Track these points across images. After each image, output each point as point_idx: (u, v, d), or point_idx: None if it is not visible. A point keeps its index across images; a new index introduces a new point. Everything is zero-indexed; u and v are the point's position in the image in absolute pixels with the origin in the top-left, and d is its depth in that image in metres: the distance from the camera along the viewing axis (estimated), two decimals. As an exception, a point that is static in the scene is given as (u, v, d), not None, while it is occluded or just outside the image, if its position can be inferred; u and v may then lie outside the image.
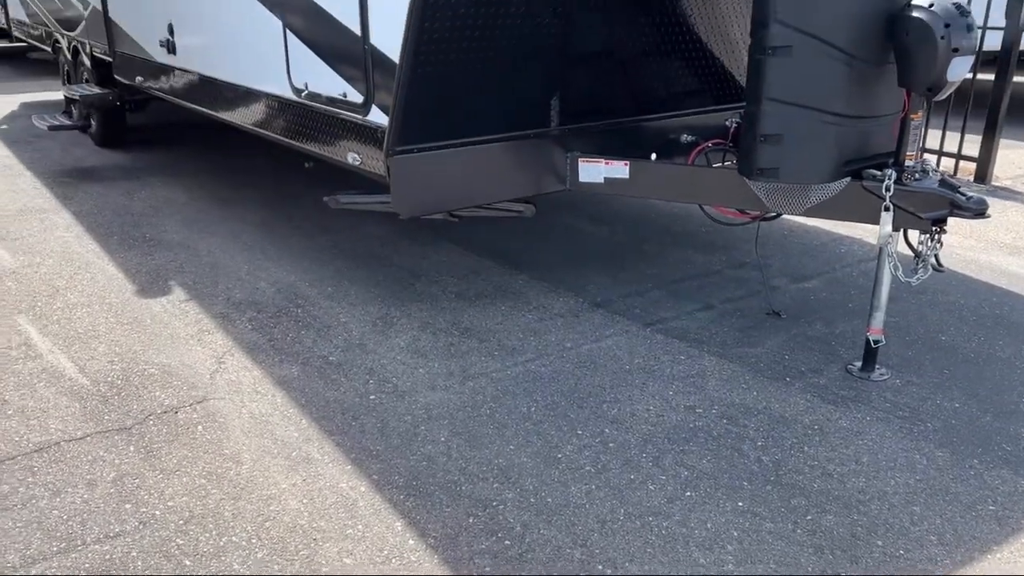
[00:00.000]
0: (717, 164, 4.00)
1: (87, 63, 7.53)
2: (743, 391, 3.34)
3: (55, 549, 2.48)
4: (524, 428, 3.09)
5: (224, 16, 4.95)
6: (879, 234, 3.21)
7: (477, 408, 3.22)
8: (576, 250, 4.95)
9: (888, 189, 3.15)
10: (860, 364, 3.48)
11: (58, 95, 8.62)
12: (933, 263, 3.25)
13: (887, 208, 3.16)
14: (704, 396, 3.30)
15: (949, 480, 2.79)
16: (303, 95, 4.16)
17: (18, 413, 3.21)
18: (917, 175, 3.23)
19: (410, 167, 3.52)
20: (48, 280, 4.49)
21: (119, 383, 3.42)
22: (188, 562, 2.43)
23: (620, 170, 3.80)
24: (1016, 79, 6.26)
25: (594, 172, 3.86)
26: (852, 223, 4.72)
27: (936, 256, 3.25)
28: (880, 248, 3.29)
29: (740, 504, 2.67)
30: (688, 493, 2.73)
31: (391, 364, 3.57)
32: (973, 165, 6.34)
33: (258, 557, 2.45)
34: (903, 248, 3.33)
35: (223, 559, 2.44)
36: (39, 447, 2.99)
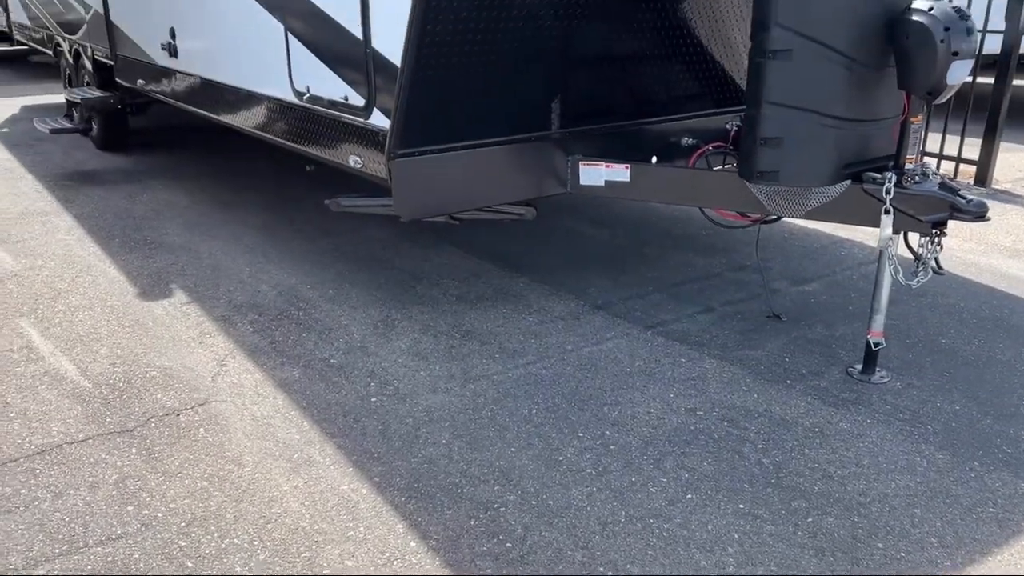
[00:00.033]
0: (718, 167, 4.01)
1: (88, 66, 7.54)
2: (744, 394, 3.35)
3: (57, 551, 2.49)
4: (525, 430, 3.09)
5: (226, 20, 4.96)
6: (879, 237, 3.21)
7: (478, 410, 3.23)
8: (577, 253, 4.96)
9: (888, 192, 3.16)
10: (860, 367, 3.48)
11: (59, 98, 8.62)
12: (933, 266, 3.25)
13: (887, 211, 3.17)
14: (705, 399, 3.31)
15: (950, 482, 2.80)
16: (305, 98, 4.17)
17: (20, 416, 3.21)
18: (917, 178, 3.24)
19: (411, 170, 3.52)
20: (50, 283, 4.50)
21: (121, 386, 3.43)
22: (190, 564, 2.43)
23: (621, 173, 3.80)
24: (1016, 82, 6.27)
25: (595, 175, 3.86)
26: (852, 226, 4.73)
27: (936, 259, 3.25)
28: (880, 251, 3.30)
29: (741, 506, 2.68)
30: (689, 495, 2.73)
31: (392, 366, 3.57)
32: (973, 168, 6.35)
33: (260, 559, 2.45)
34: (903, 251, 3.33)
35: (225, 561, 2.44)
36: (41, 449, 2.99)
